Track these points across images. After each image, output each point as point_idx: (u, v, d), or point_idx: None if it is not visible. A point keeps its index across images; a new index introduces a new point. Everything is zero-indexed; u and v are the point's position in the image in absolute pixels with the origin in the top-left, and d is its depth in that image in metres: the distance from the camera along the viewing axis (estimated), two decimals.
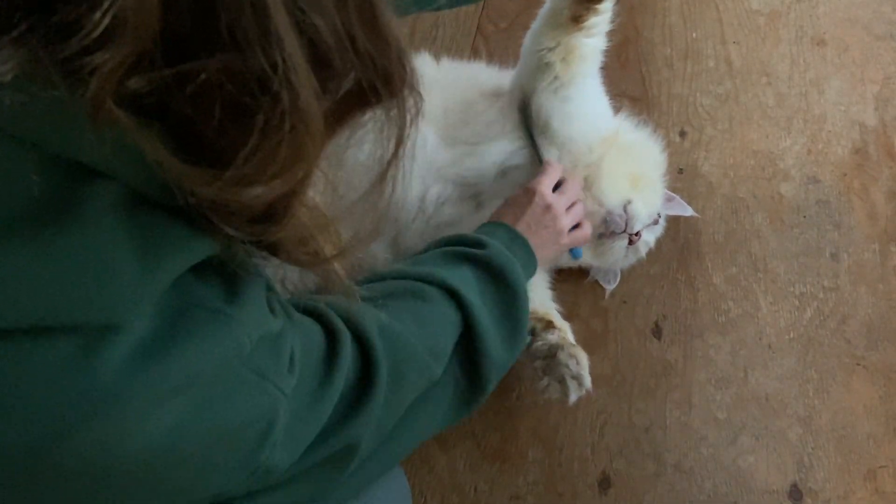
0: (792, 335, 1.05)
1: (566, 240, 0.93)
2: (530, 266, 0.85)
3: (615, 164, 0.99)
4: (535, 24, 0.96)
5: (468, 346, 0.71)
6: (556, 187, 0.94)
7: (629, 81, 1.28)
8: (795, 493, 0.94)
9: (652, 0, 1.38)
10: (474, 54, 1.33)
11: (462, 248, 0.79)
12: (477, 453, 0.97)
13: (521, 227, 0.87)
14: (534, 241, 0.86)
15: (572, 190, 0.94)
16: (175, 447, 0.42)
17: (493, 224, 0.88)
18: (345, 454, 0.58)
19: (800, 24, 1.34)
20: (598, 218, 0.99)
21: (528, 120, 0.98)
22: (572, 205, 0.94)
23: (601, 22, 0.94)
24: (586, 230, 0.97)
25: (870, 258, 1.10)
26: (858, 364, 1.02)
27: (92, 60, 0.31)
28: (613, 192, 0.98)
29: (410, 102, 0.43)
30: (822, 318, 1.06)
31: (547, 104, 0.96)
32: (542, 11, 0.96)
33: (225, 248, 0.44)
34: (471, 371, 0.72)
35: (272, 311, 0.50)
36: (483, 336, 0.71)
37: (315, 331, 0.56)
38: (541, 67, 0.95)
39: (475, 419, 0.99)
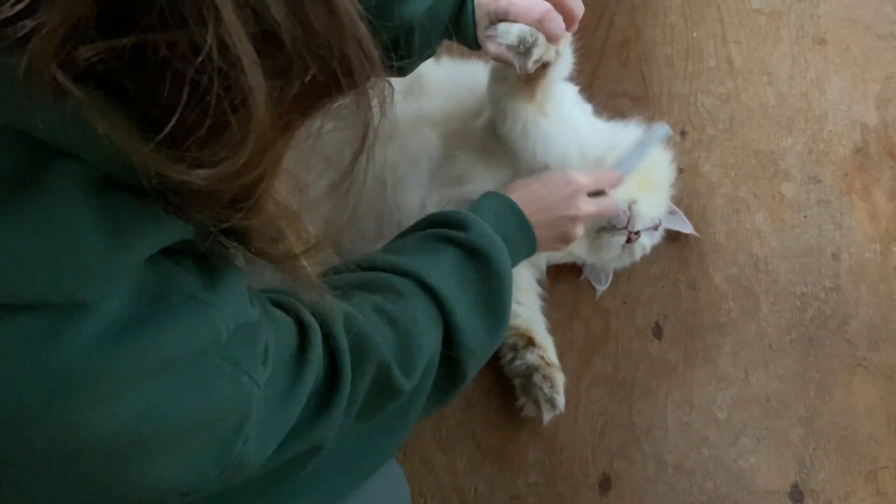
0: (793, 335, 1.04)
1: (582, 211, 0.85)
2: (524, 243, 0.81)
3: None
4: (489, 76, 0.89)
5: (445, 337, 0.69)
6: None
7: (630, 81, 1.27)
8: (796, 493, 0.94)
9: None
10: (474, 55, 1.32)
11: (442, 231, 0.75)
12: (477, 454, 0.97)
13: (523, 199, 0.82)
14: (538, 217, 0.81)
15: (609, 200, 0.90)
16: (145, 432, 0.41)
17: (491, 195, 0.83)
18: (308, 454, 0.57)
19: (801, 24, 1.33)
20: None
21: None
22: (599, 195, 0.89)
23: (564, 64, 0.85)
24: (609, 205, 0.91)
25: (871, 258, 1.10)
26: (860, 365, 1.02)
27: (24, 25, 0.30)
28: (621, 189, 0.97)
29: (376, 91, 0.41)
30: (823, 318, 1.05)
31: (524, 150, 0.89)
32: (489, 69, 0.88)
33: (199, 233, 0.43)
34: (448, 362, 0.69)
35: (251, 301, 0.49)
36: (459, 326, 0.69)
37: (288, 325, 0.55)
38: (503, 113, 0.88)
39: (475, 419, 0.99)
